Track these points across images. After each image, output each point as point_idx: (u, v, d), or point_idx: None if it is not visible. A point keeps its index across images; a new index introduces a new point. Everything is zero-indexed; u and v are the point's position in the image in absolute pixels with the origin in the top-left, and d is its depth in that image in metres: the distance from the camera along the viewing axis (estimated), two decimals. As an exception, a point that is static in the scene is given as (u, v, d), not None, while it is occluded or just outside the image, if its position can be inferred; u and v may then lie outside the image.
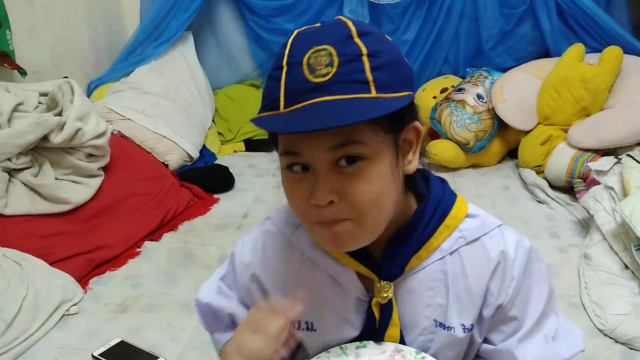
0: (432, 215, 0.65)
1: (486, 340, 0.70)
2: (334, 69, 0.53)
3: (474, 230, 0.66)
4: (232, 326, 0.75)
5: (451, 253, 0.66)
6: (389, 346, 0.67)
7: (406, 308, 0.68)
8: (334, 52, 0.54)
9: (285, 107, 0.55)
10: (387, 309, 0.66)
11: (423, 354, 0.67)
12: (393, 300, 0.66)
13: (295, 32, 0.58)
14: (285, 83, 0.55)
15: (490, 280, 0.66)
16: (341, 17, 0.59)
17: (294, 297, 0.66)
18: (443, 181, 0.70)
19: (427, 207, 0.65)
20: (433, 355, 0.69)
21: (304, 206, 0.59)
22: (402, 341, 0.68)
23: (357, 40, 0.55)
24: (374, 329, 0.68)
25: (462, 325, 0.67)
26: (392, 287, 0.66)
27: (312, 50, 0.54)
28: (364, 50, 0.54)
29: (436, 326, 0.68)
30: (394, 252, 0.65)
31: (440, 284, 0.66)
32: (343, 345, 0.68)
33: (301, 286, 0.68)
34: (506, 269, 0.65)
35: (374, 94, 0.54)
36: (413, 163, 0.62)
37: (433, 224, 0.65)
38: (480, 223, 0.67)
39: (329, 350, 0.68)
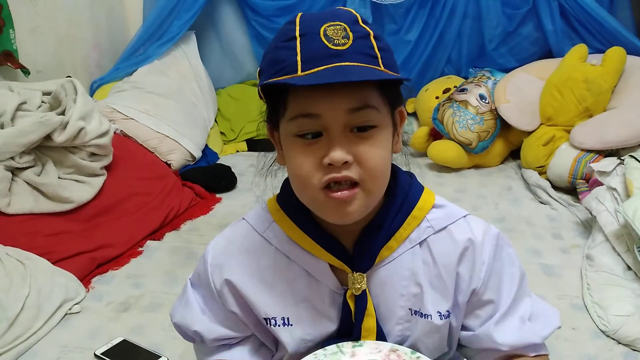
0: (400, 207, 0.68)
1: (464, 327, 0.72)
2: (350, 41, 0.58)
3: (441, 219, 0.69)
4: (203, 344, 0.75)
5: (420, 243, 0.68)
6: (385, 346, 0.68)
7: (380, 299, 0.69)
8: (347, 28, 0.59)
9: (304, 70, 0.57)
10: (361, 300, 0.68)
11: (418, 354, 0.68)
12: (367, 291, 0.68)
13: (300, 14, 0.61)
14: (302, 50, 0.58)
15: (459, 266, 0.68)
16: (341, 7, 0.63)
17: (269, 293, 0.68)
18: (410, 174, 0.73)
19: (395, 199, 0.68)
20: (413, 344, 0.70)
21: (314, 169, 0.59)
22: (379, 331, 0.70)
23: (362, 24, 0.60)
24: (351, 322, 0.69)
25: (439, 312, 0.69)
26: (365, 279, 0.67)
27: (327, 24, 0.58)
28: (371, 32, 0.60)
29: (412, 314, 0.70)
30: (365, 244, 0.67)
31: (412, 273, 0.68)
32: (340, 344, 0.69)
33: (276, 282, 0.70)
34: (475, 254, 0.68)
35: (382, 68, 0.59)
36: (399, 144, 0.67)
37: (401, 215, 0.68)
38: (447, 213, 0.70)
39: (326, 347, 0.69)
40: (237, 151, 2.69)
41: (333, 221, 0.63)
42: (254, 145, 2.69)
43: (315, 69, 0.56)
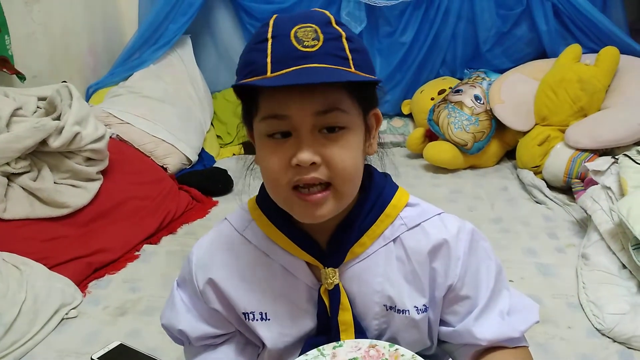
0: (373, 205, 0.69)
1: (444, 323, 0.73)
2: (320, 43, 0.58)
3: (414, 217, 0.70)
4: (191, 345, 0.77)
5: (394, 240, 0.69)
6: (364, 343, 0.69)
7: (356, 294, 0.70)
8: (318, 29, 0.59)
9: (273, 72, 0.57)
10: (335, 294, 0.69)
11: (396, 346, 0.69)
12: (340, 285, 0.69)
13: (274, 16, 0.62)
14: (273, 51, 0.58)
15: (433, 262, 0.69)
16: (317, 8, 0.64)
17: (247, 289, 0.70)
18: (386, 175, 0.73)
19: (369, 197, 0.69)
20: (392, 338, 0.72)
21: (283, 169, 0.60)
22: (357, 326, 0.71)
23: (335, 26, 0.60)
24: (327, 316, 0.71)
25: (416, 307, 0.70)
26: (337, 273, 0.68)
27: (298, 26, 0.58)
28: (343, 34, 0.60)
29: (387, 310, 0.71)
30: (338, 240, 0.68)
31: (386, 269, 0.69)
32: (320, 347, 0.70)
33: (255, 278, 0.71)
34: (450, 250, 0.68)
35: (353, 70, 0.59)
36: (373, 146, 0.68)
37: (374, 213, 0.69)
38: (420, 211, 0.71)
39: (307, 353, 0.69)
40: (234, 154, 2.69)
41: (304, 221, 0.65)
42: (250, 148, 2.67)
43: (284, 71, 0.57)
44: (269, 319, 0.71)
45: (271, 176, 0.62)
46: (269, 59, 0.58)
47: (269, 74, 0.57)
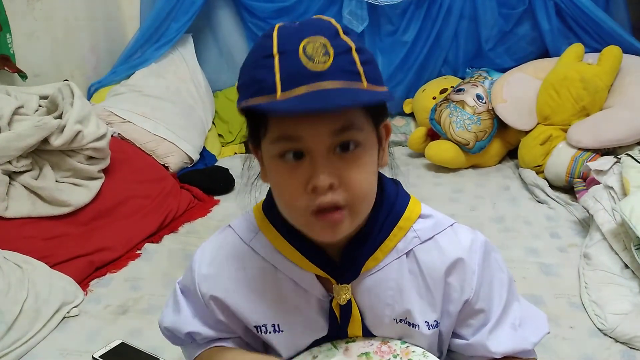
0: (386, 218, 0.67)
1: (457, 336, 0.72)
2: (331, 59, 0.54)
3: (428, 229, 0.68)
4: (194, 343, 0.76)
5: (407, 253, 0.68)
6: (376, 340, 0.71)
7: (367, 307, 0.69)
8: (327, 43, 0.55)
9: (283, 91, 0.53)
10: (346, 308, 0.68)
11: (407, 344, 0.70)
12: (352, 300, 0.68)
13: (277, 25, 0.58)
14: (281, 68, 0.54)
15: (449, 276, 0.68)
16: (321, 16, 0.60)
17: (257, 301, 0.68)
18: (396, 182, 0.71)
19: (381, 210, 0.67)
20: None
21: (300, 194, 0.58)
22: (367, 337, 0.71)
23: (343, 37, 0.57)
24: (338, 328, 0.70)
25: (427, 322, 0.69)
26: (350, 289, 0.67)
27: (306, 40, 0.55)
28: (353, 46, 0.56)
29: (397, 323, 0.70)
30: (350, 256, 0.67)
31: (398, 283, 0.68)
32: (334, 341, 0.71)
33: (264, 290, 0.69)
34: (465, 264, 0.67)
35: (365, 85, 0.56)
36: (385, 158, 0.65)
37: (387, 227, 0.67)
38: (434, 223, 0.69)
39: (321, 345, 0.71)
40: (235, 153, 2.69)
41: (323, 240, 0.62)
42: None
43: (295, 91, 0.53)
44: (282, 331, 0.70)
45: (287, 202, 0.60)
46: (277, 77, 0.54)
47: (278, 93, 0.53)
